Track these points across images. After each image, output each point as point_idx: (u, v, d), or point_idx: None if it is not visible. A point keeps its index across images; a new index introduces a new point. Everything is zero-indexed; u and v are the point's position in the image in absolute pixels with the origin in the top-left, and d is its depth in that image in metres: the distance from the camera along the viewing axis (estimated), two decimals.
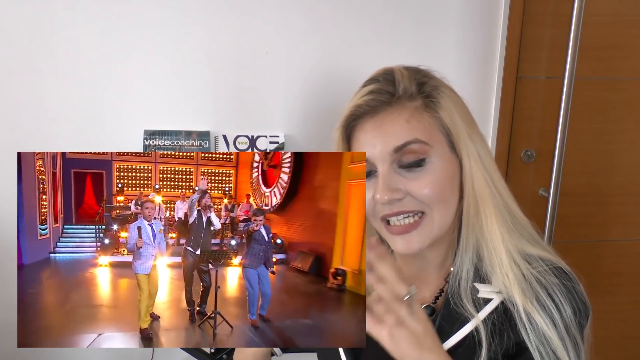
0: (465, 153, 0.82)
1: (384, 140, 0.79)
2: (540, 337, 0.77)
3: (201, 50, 1.73)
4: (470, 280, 0.82)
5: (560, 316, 0.78)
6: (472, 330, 0.79)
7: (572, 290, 0.80)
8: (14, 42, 1.67)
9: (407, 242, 0.81)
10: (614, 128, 2.00)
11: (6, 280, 1.74)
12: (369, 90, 0.81)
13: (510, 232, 0.83)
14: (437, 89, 0.82)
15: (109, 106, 1.73)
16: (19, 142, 1.71)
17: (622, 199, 2.06)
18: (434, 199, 0.80)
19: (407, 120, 0.79)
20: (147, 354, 1.83)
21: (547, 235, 1.79)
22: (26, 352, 1.78)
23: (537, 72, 1.91)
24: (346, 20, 1.76)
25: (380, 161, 0.80)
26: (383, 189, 0.78)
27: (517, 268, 0.80)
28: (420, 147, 0.79)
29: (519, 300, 0.77)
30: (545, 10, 1.86)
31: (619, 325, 2.15)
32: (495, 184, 0.83)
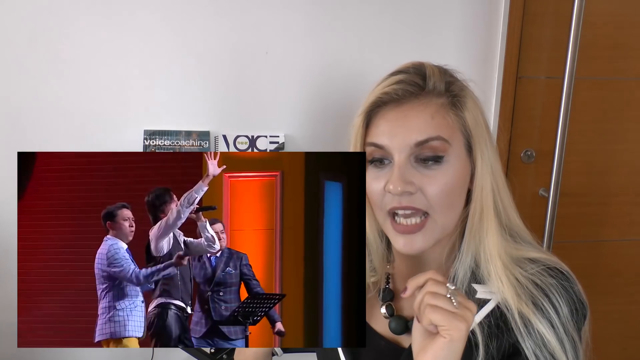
0: (480, 157, 0.81)
1: (406, 132, 0.78)
2: (537, 341, 0.77)
3: (201, 50, 1.73)
4: (467, 283, 0.82)
5: (558, 317, 0.77)
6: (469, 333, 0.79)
7: (570, 289, 0.79)
8: (15, 42, 1.67)
9: (410, 242, 0.80)
10: (614, 128, 2.00)
11: (6, 280, 1.74)
12: (398, 79, 0.80)
13: (507, 240, 0.83)
14: (463, 90, 0.82)
15: (109, 106, 1.73)
16: (19, 142, 1.71)
17: (622, 199, 2.06)
18: (442, 202, 0.79)
19: (432, 116, 0.79)
20: (147, 354, 1.83)
21: (547, 235, 1.79)
22: (26, 352, 1.78)
23: (537, 72, 1.91)
24: (346, 20, 1.76)
25: (398, 152, 0.78)
26: (398, 179, 0.77)
27: (511, 273, 0.79)
28: (440, 145, 0.78)
29: (513, 304, 0.77)
30: (545, 10, 1.86)
31: (619, 325, 2.14)
32: (500, 191, 0.83)
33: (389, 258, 0.92)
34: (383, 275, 0.91)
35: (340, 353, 0.92)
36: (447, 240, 0.85)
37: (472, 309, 0.71)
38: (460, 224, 0.85)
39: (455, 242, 0.86)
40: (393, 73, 0.83)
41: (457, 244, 0.85)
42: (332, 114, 1.79)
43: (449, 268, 0.86)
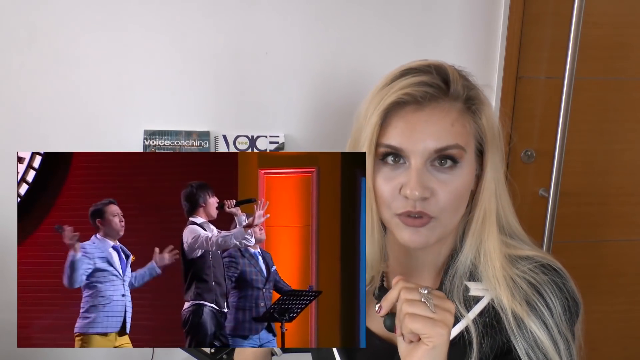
0: (490, 163, 0.82)
1: (427, 137, 0.77)
2: (529, 342, 0.77)
3: (201, 50, 1.73)
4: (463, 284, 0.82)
5: (551, 315, 0.78)
6: (463, 331, 0.80)
7: (563, 286, 0.80)
8: (15, 42, 1.67)
9: (416, 234, 0.80)
10: (614, 128, 2.00)
11: (6, 280, 1.74)
12: (420, 80, 0.78)
13: (505, 244, 0.83)
14: (480, 96, 0.82)
15: (109, 106, 1.73)
16: (19, 142, 1.71)
17: (622, 199, 2.06)
18: (451, 206, 0.79)
19: (452, 124, 0.78)
20: (147, 354, 1.83)
21: (547, 235, 1.79)
22: (26, 352, 1.78)
23: (537, 72, 1.91)
24: (346, 20, 1.76)
25: (417, 156, 0.77)
26: (417, 184, 0.76)
27: (508, 274, 0.80)
28: (458, 152, 0.78)
29: (508, 304, 0.78)
30: (545, 10, 1.86)
31: (619, 325, 2.14)
32: (501, 195, 0.84)
33: (385, 256, 0.92)
34: (378, 273, 0.91)
35: (335, 353, 0.92)
36: (445, 240, 0.85)
37: (450, 309, 0.71)
38: (462, 227, 0.85)
39: (455, 243, 0.86)
40: (412, 71, 0.80)
41: (457, 244, 0.86)
42: (332, 114, 1.79)
43: (443, 268, 0.86)
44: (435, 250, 0.86)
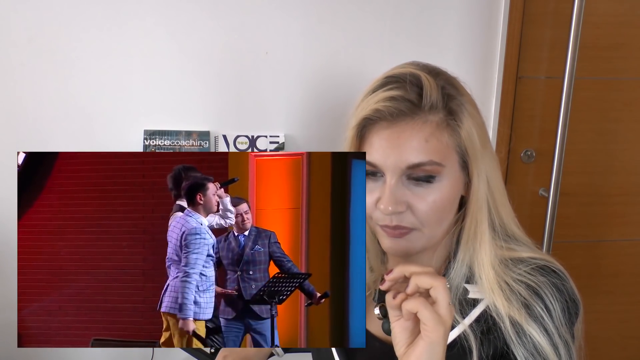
0: (476, 174, 0.80)
1: (399, 154, 0.76)
2: (529, 349, 0.76)
3: (201, 50, 1.73)
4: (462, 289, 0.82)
5: (551, 319, 0.77)
6: (461, 336, 0.79)
7: (562, 287, 0.79)
8: (14, 42, 1.67)
9: (395, 243, 0.81)
10: (614, 128, 2.00)
11: (6, 280, 1.74)
12: (390, 95, 0.76)
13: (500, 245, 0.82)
14: (461, 106, 0.79)
15: (109, 106, 1.73)
16: (19, 142, 1.71)
17: (622, 199, 2.06)
18: (430, 218, 0.79)
19: (427, 139, 0.76)
20: (147, 354, 1.83)
21: (547, 235, 1.79)
22: (26, 352, 1.78)
23: (537, 72, 1.91)
24: (346, 20, 1.76)
25: (391, 172, 0.77)
26: (389, 200, 0.76)
27: (503, 280, 0.79)
28: (433, 168, 0.77)
29: (504, 312, 0.77)
30: (545, 10, 1.86)
31: (619, 325, 2.15)
32: (495, 200, 0.83)
33: (383, 259, 0.92)
34: (379, 275, 0.91)
35: (334, 353, 0.92)
36: (437, 248, 0.85)
37: (452, 311, 0.70)
38: (455, 232, 0.84)
39: (451, 250, 0.85)
40: (386, 84, 0.79)
41: (453, 252, 0.85)
42: (332, 114, 1.79)
43: (441, 273, 0.85)
44: (428, 255, 0.85)
